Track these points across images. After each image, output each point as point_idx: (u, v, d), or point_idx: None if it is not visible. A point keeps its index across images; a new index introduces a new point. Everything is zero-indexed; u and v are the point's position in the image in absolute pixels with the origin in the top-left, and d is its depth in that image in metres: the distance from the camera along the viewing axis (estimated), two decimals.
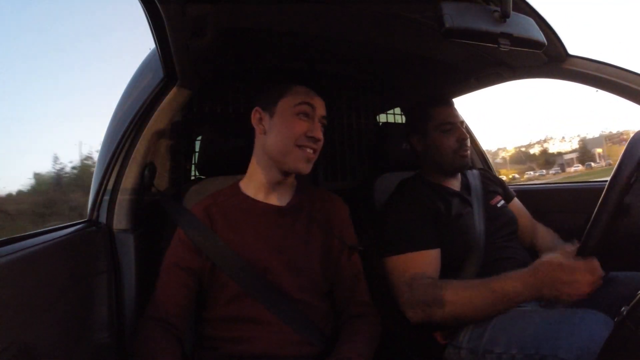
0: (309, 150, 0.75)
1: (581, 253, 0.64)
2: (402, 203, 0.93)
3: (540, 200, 1.28)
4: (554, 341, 0.60)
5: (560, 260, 0.66)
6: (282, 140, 0.75)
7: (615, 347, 0.40)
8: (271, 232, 0.76)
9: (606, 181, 0.59)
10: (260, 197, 0.80)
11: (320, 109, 0.78)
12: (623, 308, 0.41)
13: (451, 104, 1.00)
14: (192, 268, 0.73)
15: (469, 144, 0.97)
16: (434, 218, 0.90)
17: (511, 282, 0.70)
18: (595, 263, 0.63)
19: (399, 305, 0.81)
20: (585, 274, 0.63)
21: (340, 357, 0.66)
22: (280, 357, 0.69)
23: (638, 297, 0.40)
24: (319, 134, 0.76)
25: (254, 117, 0.79)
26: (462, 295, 0.74)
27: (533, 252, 1.01)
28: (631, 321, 0.38)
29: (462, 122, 0.99)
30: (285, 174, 0.78)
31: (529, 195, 1.21)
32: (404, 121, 1.50)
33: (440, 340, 0.82)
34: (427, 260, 0.84)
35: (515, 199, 1.12)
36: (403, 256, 0.84)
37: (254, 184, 0.81)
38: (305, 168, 0.76)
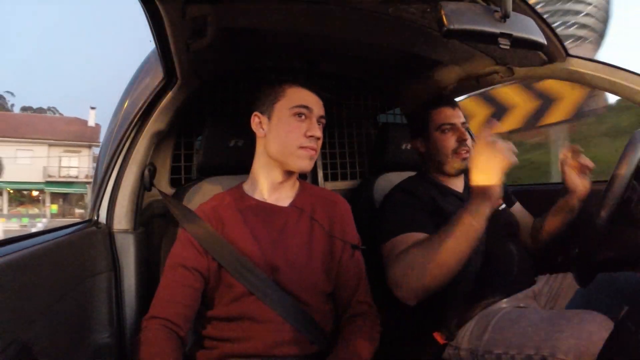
0: (311, 150, 0.77)
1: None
2: (399, 194, 0.94)
3: (540, 200, 1.27)
4: (553, 342, 0.61)
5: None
6: (284, 143, 0.77)
7: (615, 348, 0.40)
8: (274, 233, 0.77)
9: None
10: (263, 197, 0.81)
11: (318, 109, 0.79)
12: (624, 308, 0.41)
13: (452, 105, 1.00)
14: (198, 268, 0.73)
15: (470, 144, 0.97)
16: (430, 210, 0.90)
17: (458, 213, 0.69)
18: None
19: (392, 290, 0.76)
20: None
21: (338, 359, 0.66)
22: (282, 356, 0.69)
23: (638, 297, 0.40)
24: (318, 133, 0.78)
25: (253, 121, 0.81)
26: (430, 248, 0.70)
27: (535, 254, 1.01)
28: (632, 321, 0.38)
29: (464, 123, 0.99)
30: (288, 173, 0.80)
31: (528, 195, 1.21)
32: (404, 121, 1.50)
33: (439, 340, 0.82)
34: (415, 240, 0.80)
35: (518, 204, 1.12)
36: (393, 239, 0.83)
37: (257, 185, 0.82)
38: (308, 166, 0.78)
